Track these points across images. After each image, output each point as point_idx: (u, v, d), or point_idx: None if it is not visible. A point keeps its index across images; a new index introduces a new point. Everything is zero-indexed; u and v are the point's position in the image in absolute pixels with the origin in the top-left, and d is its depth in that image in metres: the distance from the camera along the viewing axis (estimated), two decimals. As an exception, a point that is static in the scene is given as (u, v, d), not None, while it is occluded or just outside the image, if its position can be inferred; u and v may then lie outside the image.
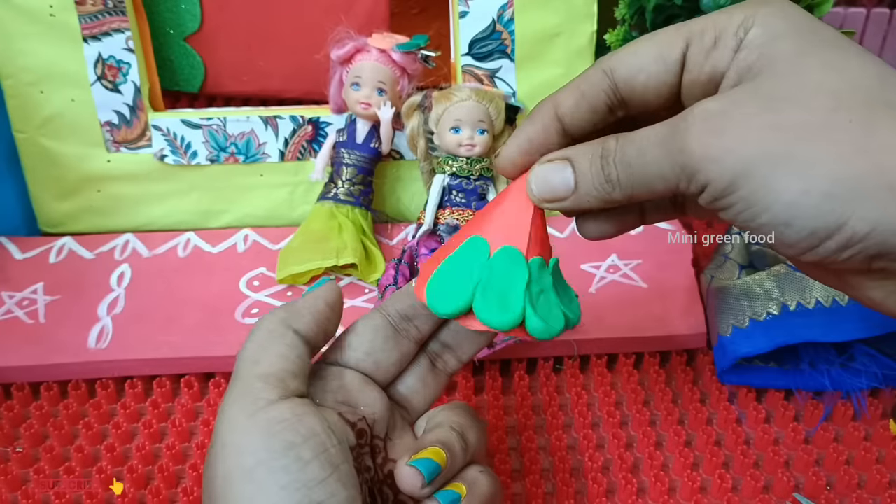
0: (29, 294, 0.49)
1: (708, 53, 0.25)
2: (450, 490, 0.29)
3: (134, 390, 0.45)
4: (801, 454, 0.41)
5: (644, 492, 0.40)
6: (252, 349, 0.29)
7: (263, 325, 0.29)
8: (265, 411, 0.26)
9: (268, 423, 0.26)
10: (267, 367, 0.28)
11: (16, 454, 0.41)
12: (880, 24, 0.65)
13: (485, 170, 0.51)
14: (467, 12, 0.52)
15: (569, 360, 0.46)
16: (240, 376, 0.28)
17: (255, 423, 0.26)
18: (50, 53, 0.51)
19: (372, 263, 0.51)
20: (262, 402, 0.27)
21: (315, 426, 0.27)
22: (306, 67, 0.53)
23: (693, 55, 0.25)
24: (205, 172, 0.55)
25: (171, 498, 0.39)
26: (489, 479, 0.30)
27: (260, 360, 0.28)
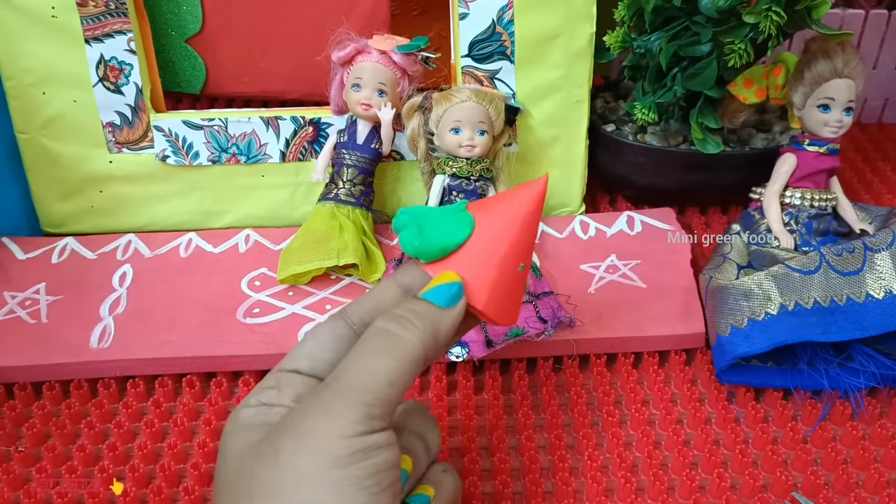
0: (31, 294, 0.50)
1: None
2: (419, 494, 0.31)
3: (136, 390, 0.45)
4: (799, 453, 0.41)
5: (643, 491, 0.40)
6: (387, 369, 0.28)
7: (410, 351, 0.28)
8: (372, 436, 0.26)
9: (370, 445, 0.26)
10: (394, 395, 0.27)
11: (18, 453, 0.42)
12: (878, 25, 0.65)
13: (485, 171, 0.51)
14: (467, 14, 0.52)
15: (568, 360, 0.46)
16: (358, 386, 0.27)
17: (360, 442, 0.26)
18: (52, 55, 0.52)
19: (372, 263, 0.51)
20: (373, 426, 0.26)
21: (397, 457, 0.27)
22: (307, 69, 0.53)
23: None
24: (206, 173, 0.55)
25: (173, 497, 0.40)
26: (452, 477, 0.33)
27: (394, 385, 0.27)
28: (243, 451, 0.27)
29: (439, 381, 0.45)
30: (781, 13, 0.45)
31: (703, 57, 0.50)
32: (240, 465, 0.27)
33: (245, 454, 0.27)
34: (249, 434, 0.28)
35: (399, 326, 0.28)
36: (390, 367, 0.27)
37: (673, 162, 0.55)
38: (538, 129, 0.55)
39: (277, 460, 0.26)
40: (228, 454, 0.28)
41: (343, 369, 0.28)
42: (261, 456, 0.27)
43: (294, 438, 0.26)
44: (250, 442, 0.28)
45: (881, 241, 0.44)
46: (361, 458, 0.26)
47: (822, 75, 0.48)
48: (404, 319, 0.29)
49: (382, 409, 0.27)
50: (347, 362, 0.28)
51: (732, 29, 0.48)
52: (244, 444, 0.28)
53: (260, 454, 0.27)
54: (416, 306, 0.29)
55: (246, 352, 0.45)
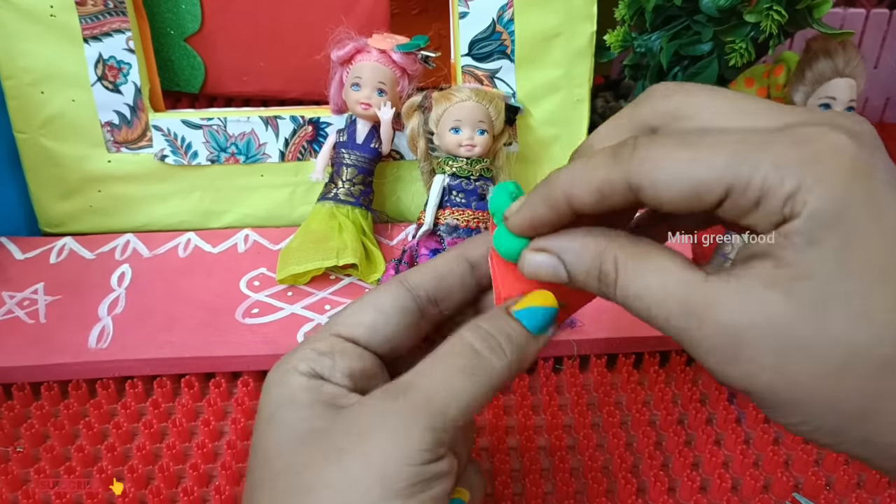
0: (30, 294, 0.49)
1: (746, 213, 0.22)
2: (456, 499, 0.29)
3: (134, 390, 0.45)
4: (800, 454, 0.41)
5: (644, 491, 0.40)
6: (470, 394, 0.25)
7: (496, 381, 0.26)
8: (437, 464, 0.25)
9: (434, 475, 0.25)
10: (467, 421, 0.26)
11: (16, 454, 0.41)
12: (880, 24, 0.65)
13: (485, 170, 0.51)
14: (467, 13, 0.52)
15: (569, 360, 0.46)
16: (438, 407, 0.25)
17: (425, 471, 0.24)
18: (50, 54, 0.51)
19: (372, 263, 0.51)
20: (440, 453, 0.25)
21: (453, 485, 0.26)
22: (307, 68, 0.53)
23: (730, 208, 0.22)
24: (205, 173, 0.55)
25: (172, 498, 0.39)
26: (482, 480, 0.31)
27: (471, 412, 0.25)
28: (307, 436, 0.25)
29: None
30: (782, 12, 0.45)
31: (704, 56, 0.50)
32: (309, 451, 0.25)
33: (311, 441, 0.25)
34: (305, 413, 0.26)
35: (489, 350, 0.26)
36: (471, 393, 0.25)
37: (673, 161, 0.55)
38: (538, 129, 0.55)
39: (345, 470, 0.24)
40: (288, 431, 0.26)
41: (422, 379, 0.25)
42: (327, 455, 0.25)
43: (362, 454, 0.24)
44: (315, 427, 0.25)
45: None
46: (424, 489, 0.24)
47: (824, 74, 0.48)
48: (496, 343, 0.26)
49: (451, 435, 0.25)
50: (427, 373, 0.26)
51: (733, 28, 0.48)
52: (306, 426, 0.26)
53: (325, 452, 0.25)
54: (510, 329, 0.27)
55: (245, 352, 0.45)
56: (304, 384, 0.27)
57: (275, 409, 0.26)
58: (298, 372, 0.27)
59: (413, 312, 0.29)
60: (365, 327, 0.28)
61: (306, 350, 0.28)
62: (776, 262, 0.22)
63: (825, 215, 0.21)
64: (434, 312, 0.30)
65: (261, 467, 0.26)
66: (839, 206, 0.21)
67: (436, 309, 0.30)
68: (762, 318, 0.21)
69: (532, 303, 0.27)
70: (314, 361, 0.27)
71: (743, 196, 0.22)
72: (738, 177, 0.22)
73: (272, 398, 0.27)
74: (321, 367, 0.27)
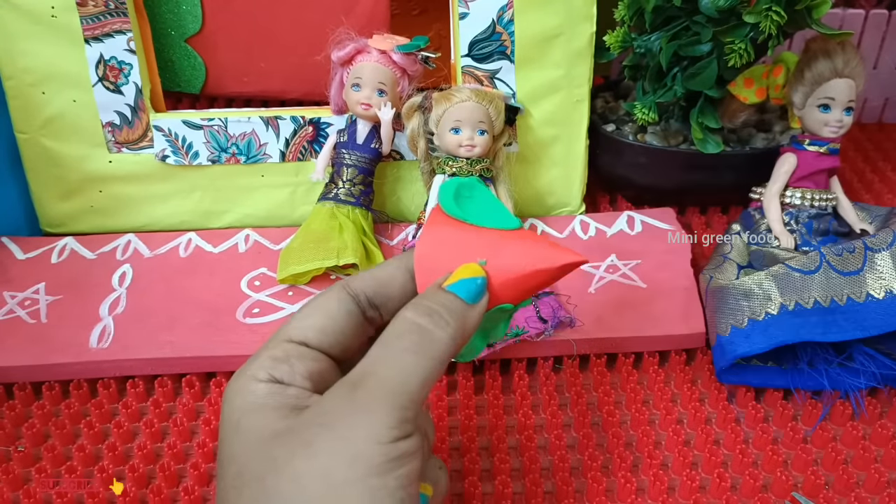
0: (31, 294, 0.50)
1: None
2: (421, 494, 0.30)
3: (135, 390, 0.45)
4: (799, 453, 0.41)
5: (643, 491, 0.40)
6: (422, 369, 0.26)
7: (443, 351, 0.27)
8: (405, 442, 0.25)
9: (404, 452, 0.25)
10: (425, 396, 0.26)
11: (17, 453, 0.41)
12: (879, 25, 0.65)
13: (484, 170, 0.51)
14: (467, 13, 0.52)
15: (568, 360, 0.46)
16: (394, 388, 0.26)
17: (395, 448, 0.25)
18: (51, 54, 0.52)
19: (372, 263, 0.51)
20: (406, 430, 0.25)
21: (421, 463, 0.26)
22: (307, 68, 0.53)
23: None
24: (206, 173, 0.55)
25: (173, 497, 0.40)
26: (445, 475, 0.32)
27: (426, 386, 0.26)
28: (268, 439, 0.26)
29: (440, 381, 0.45)
30: (782, 13, 0.45)
31: (704, 57, 0.50)
32: (269, 454, 0.25)
33: (272, 443, 0.26)
34: (269, 417, 0.26)
35: (432, 322, 0.27)
36: (425, 367, 0.26)
37: (673, 162, 0.55)
38: (538, 129, 0.55)
39: (313, 462, 0.25)
40: (249, 437, 0.26)
41: (376, 365, 0.26)
42: (293, 451, 0.25)
43: (330, 440, 0.25)
44: (276, 429, 0.26)
45: (881, 240, 0.44)
46: (396, 467, 0.25)
47: (823, 75, 0.48)
48: (436, 314, 0.27)
49: (414, 412, 0.26)
50: (380, 358, 0.27)
51: (733, 29, 0.48)
52: (268, 431, 0.26)
53: (292, 449, 0.25)
54: (446, 300, 0.28)
55: (246, 352, 0.45)
56: (266, 390, 0.27)
57: (239, 417, 0.27)
58: (258, 380, 0.27)
59: (356, 315, 0.30)
60: (315, 330, 0.29)
61: (263, 359, 0.28)
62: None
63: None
64: (375, 316, 0.31)
65: (228, 476, 0.26)
66: None
67: (376, 313, 0.31)
68: None
69: (462, 275, 0.29)
70: (272, 369, 0.28)
71: None
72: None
73: (235, 407, 0.27)
74: (280, 373, 0.28)
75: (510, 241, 0.30)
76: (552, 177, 0.56)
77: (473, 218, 0.30)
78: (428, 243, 0.30)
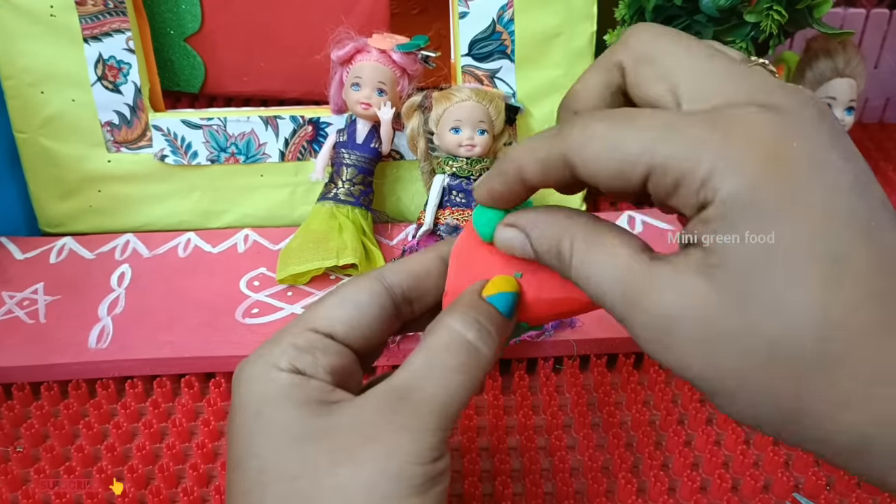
0: (29, 294, 0.49)
1: (669, 195, 0.22)
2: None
3: (134, 390, 0.45)
4: (800, 454, 0.41)
5: (644, 492, 0.40)
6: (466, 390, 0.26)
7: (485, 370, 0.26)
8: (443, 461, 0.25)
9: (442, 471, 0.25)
10: (461, 413, 0.26)
11: (16, 454, 0.41)
12: (880, 24, 0.65)
13: (485, 170, 0.51)
14: (467, 13, 0.52)
15: (569, 360, 0.46)
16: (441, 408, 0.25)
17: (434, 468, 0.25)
18: (50, 54, 0.51)
19: (372, 263, 0.51)
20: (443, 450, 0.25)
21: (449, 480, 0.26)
22: (307, 68, 0.53)
23: (654, 187, 0.23)
24: (205, 173, 0.55)
25: (172, 498, 0.39)
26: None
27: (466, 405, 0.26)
28: (302, 438, 0.25)
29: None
30: (783, 12, 0.45)
31: (704, 56, 0.50)
32: (305, 455, 0.24)
33: (305, 442, 0.25)
34: (297, 413, 0.25)
35: (480, 339, 0.26)
36: (469, 388, 0.26)
37: (673, 161, 0.55)
38: (538, 129, 0.55)
39: (357, 473, 0.24)
40: (278, 432, 0.25)
41: (422, 380, 0.25)
42: (335, 460, 0.24)
43: (375, 455, 0.24)
44: (307, 427, 0.25)
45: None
46: (433, 486, 0.25)
47: (824, 74, 0.48)
48: (484, 330, 0.26)
49: (451, 431, 0.26)
50: (427, 372, 0.26)
51: (733, 28, 0.48)
52: (298, 427, 0.25)
53: (334, 456, 0.24)
54: (491, 313, 0.27)
55: (245, 352, 0.45)
56: (289, 380, 0.26)
57: (260, 407, 0.26)
58: (279, 368, 0.26)
59: (388, 310, 0.29)
60: (343, 323, 0.28)
61: (284, 345, 0.27)
62: (704, 249, 0.21)
63: (739, 201, 0.20)
64: (407, 311, 0.30)
65: (250, 470, 0.25)
66: (753, 192, 0.20)
67: (409, 308, 0.30)
68: (690, 308, 0.21)
69: (501, 288, 0.27)
70: (295, 358, 0.26)
71: (662, 178, 0.22)
72: (657, 158, 0.22)
73: (255, 394, 0.26)
74: (303, 363, 0.26)
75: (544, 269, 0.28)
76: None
77: None
78: (468, 240, 0.29)
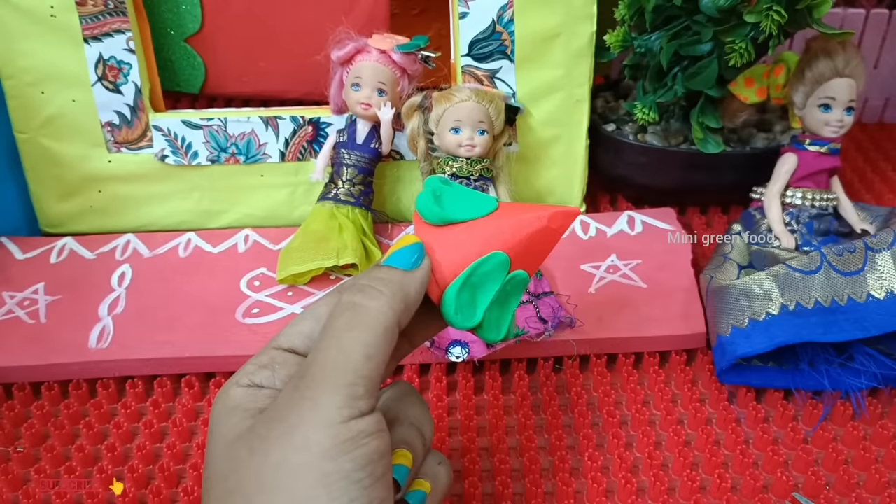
0: (30, 294, 0.49)
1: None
2: (417, 490, 0.30)
3: (135, 390, 0.45)
4: (800, 454, 0.41)
5: (644, 492, 0.40)
6: (360, 343, 0.26)
7: (380, 320, 0.27)
8: (360, 421, 0.25)
9: (359, 433, 0.25)
10: (373, 369, 0.26)
11: (17, 454, 0.41)
12: (879, 24, 0.65)
13: (485, 170, 0.51)
14: (467, 13, 0.52)
15: (568, 360, 0.46)
16: (336, 368, 0.26)
17: (347, 429, 0.25)
18: (51, 54, 0.52)
19: (372, 263, 0.51)
20: (360, 408, 0.25)
21: (388, 444, 0.26)
22: (307, 68, 0.53)
23: None
24: (205, 173, 0.55)
25: (172, 497, 0.40)
26: (446, 469, 0.32)
27: (371, 358, 0.26)
28: (233, 440, 0.26)
29: (439, 381, 0.45)
30: (782, 12, 0.45)
31: (704, 56, 0.50)
32: (231, 454, 0.26)
33: (236, 443, 0.26)
34: (239, 420, 0.27)
35: (364, 296, 0.27)
36: (364, 341, 0.26)
37: (673, 162, 0.55)
38: (538, 129, 0.55)
39: (268, 455, 0.25)
40: (219, 440, 0.27)
41: (316, 352, 0.26)
42: (252, 448, 0.26)
43: (282, 431, 0.25)
44: (240, 430, 0.27)
45: (882, 240, 0.43)
46: (351, 448, 0.25)
47: (823, 75, 0.48)
48: (368, 288, 0.28)
49: (365, 387, 0.26)
50: (320, 343, 0.27)
51: (733, 28, 0.48)
52: (234, 432, 0.27)
53: (251, 446, 0.26)
54: (379, 273, 0.28)
55: (245, 352, 0.45)
56: (242, 393, 0.28)
57: (216, 421, 0.28)
58: (238, 385, 0.28)
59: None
60: (303, 336, 0.29)
61: (248, 366, 0.29)
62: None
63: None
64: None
65: (205, 480, 0.27)
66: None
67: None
68: None
69: (395, 247, 0.29)
70: (254, 374, 0.28)
71: None
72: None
73: (215, 412, 0.28)
74: (261, 378, 0.28)
75: (499, 220, 0.30)
76: (552, 177, 0.56)
77: (457, 213, 0.30)
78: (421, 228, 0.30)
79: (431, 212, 0.30)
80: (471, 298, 0.30)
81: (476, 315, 0.30)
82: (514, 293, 0.31)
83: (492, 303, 0.30)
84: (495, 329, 0.31)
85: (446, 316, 0.30)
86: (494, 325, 0.31)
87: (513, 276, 0.30)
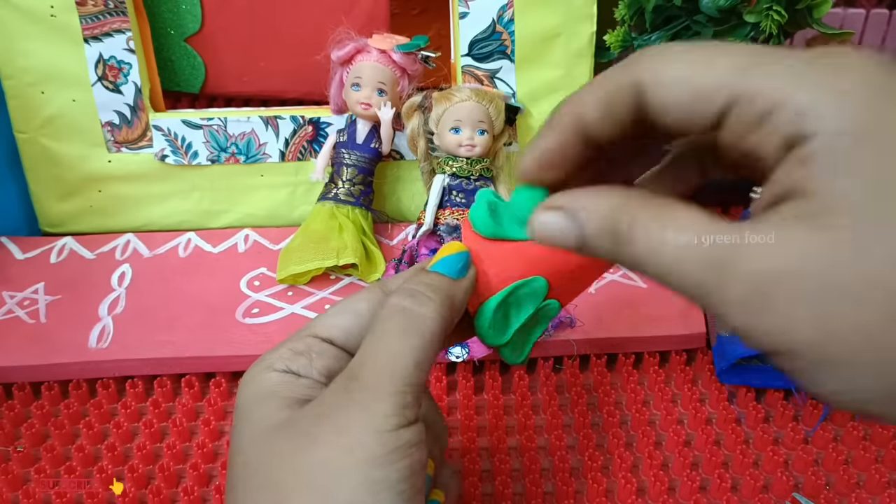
0: (30, 294, 0.49)
1: (749, 129, 0.20)
2: (432, 500, 0.30)
3: (135, 390, 0.45)
4: (800, 454, 0.41)
5: (644, 491, 0.40)
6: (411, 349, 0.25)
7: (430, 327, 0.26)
8: (407, 431, 0.25)
9: (406, 442, 0.24)
10: (421, 377, 0.26)
11: (17, 453, 0.41)
12: (879, 24, 0.65)
13: (485, 170, 0.51)
14: (467, 13, 0.52)
15: (569, 360, 0.46)
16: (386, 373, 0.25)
17: (396, 438, 0.24)
18: (51, 54, 0.52)
19: (372, 263, 0.51)
20: (407, 417, 0.25)
21: (426, 455, 0.26)
22: (307, 68, 0.53)
23: (733, 122, 0.20)
24: (205, 173, 0.55)
25: (172, 497, 0.40)
26: (458, 481, 0.32)
27: (420, 366, 0.25)
28: (270, 430, 0.25)
29: (439, 381, 0.45)
30: (782, 12, 0.45)
31: (704, 56, 0.50)
32: (269, 446, 0.25)
33: (273, 434, 0.25)
34: (275, 409, 0.26)
35: (415, 302, 0.26)
36: (414, 346, 0.26)
37: (673, 161, 0.55)
38: (538, 129, 0.55)
39: (314, 452, 0.24)
40: (252, 427, 0.26)
41: (366, 355, 0.26)
42: (296, 443, 0.25)
43: (329, 431, 0.24)
44: (277, 420, 0.25)
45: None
46: (398, 458, 0.24)
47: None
48: (419, 294, 0.27)
49: (413, 396, 0.25)
50: (370, 347, 0.26)
51: (733, 28, 0.48)
52: (270, 421, 0.26)
53: (294, 441, 0.25)
54: (428, 279, 0.27)
55: (245, 352, 0.45)
56: (279, 379, 0.27)
57: (249, 405, 0.27)
58: (274, 370, 0.27)
59: None
60: (341, 329, 0.29)
61: (283, 350, 0.28)
62: (804, 196, 0.19)
63: (848, 135, 0.18)
64: None
65: (236, 466, 0.26)
66: (866, 123, 0.18)
67: None
68: (796, 262, 0.18)
69: (442, 254, 0.28)
70: (290, 360, 0.27)
71: (748, 108, 0.19)
72: (744, 85, 0.19)
73: (247, 395, 0.27)
74: (297, 365, 0.27)
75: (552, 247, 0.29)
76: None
77: (512, 232, 0.29)
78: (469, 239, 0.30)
79: (486, 224, 0.29)
80: (504, 317, 0.30)
81: (507, 334, 0.30)
82: (543, 321, 0.31)
83: (522, 325, 0.30)
84: (518, 351, 0.31)
85: (479, 329, 0.29)
86: (519, 347, 0.31)
87: (547, 304, 0.30)
